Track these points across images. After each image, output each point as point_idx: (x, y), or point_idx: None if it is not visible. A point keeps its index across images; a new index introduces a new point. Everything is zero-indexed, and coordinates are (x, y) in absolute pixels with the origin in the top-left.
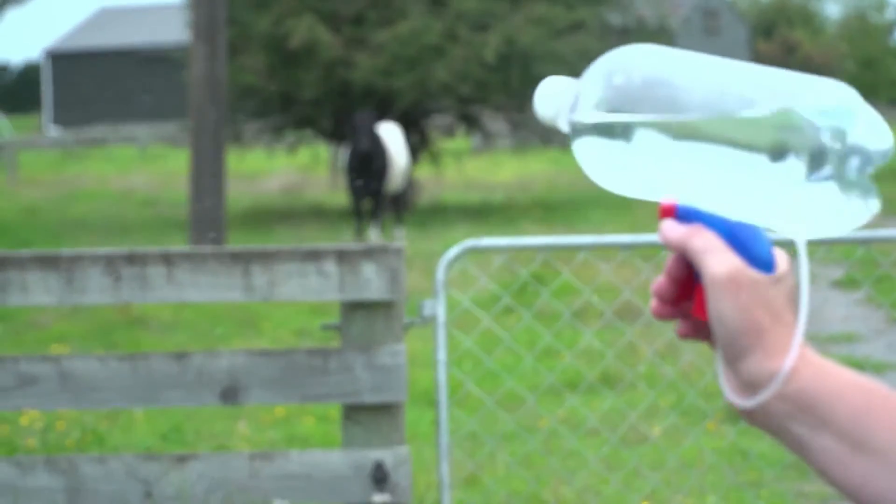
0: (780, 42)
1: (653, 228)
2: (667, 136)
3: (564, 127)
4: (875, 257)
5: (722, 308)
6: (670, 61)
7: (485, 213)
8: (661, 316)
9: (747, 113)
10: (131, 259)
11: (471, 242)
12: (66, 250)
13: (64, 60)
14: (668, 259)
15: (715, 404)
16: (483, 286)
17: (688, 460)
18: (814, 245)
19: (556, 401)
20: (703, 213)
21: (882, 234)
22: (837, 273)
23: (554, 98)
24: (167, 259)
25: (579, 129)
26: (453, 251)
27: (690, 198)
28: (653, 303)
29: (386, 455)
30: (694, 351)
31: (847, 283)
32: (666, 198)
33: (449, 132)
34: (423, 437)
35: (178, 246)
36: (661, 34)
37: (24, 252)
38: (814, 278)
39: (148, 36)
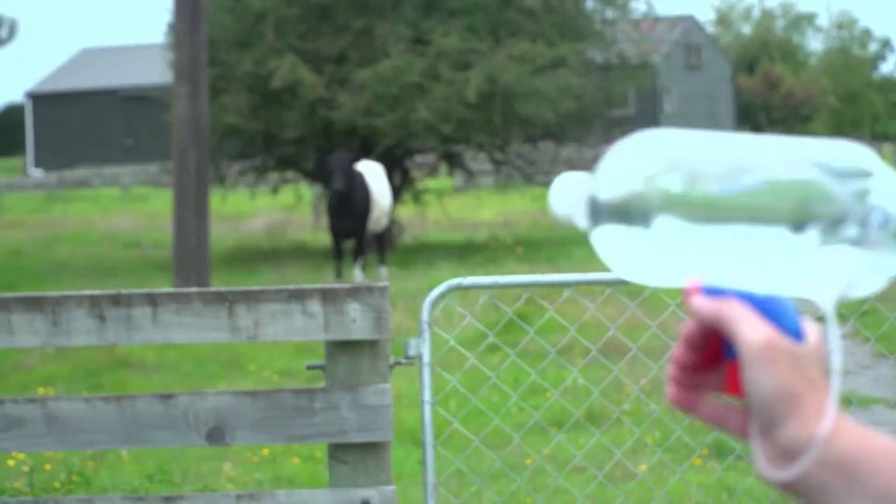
0: (762, 77)
1: None
2: (685, 218)
3: (581, 223)
4: None
5: (759, 376)
6: (682, 142)
7: (468, 252)
8: (678, 381)
9: (766, 187)
10: (116, 300)
11: (455, 281)
12: (52, 292)
13: (46, 102)
14: (686, 327)
15: (701, 440)
16: (468, 325)
17: (674, 497)
18: None
19: (542, 438)
20: (728, 290)
21: None
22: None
23: (568, 194)
24: (152, 300)
25: (598, 219)
26: (438, 290)
27: (713, 277)
28: (671, 370)
29: (372, 494)
30: None
31: None
32: (689, 280)
33: (431, 171)
34: (410, 476)
35: (163, 287)
36: (642, 70)
37: (10, 294)
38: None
39: (130, 77)
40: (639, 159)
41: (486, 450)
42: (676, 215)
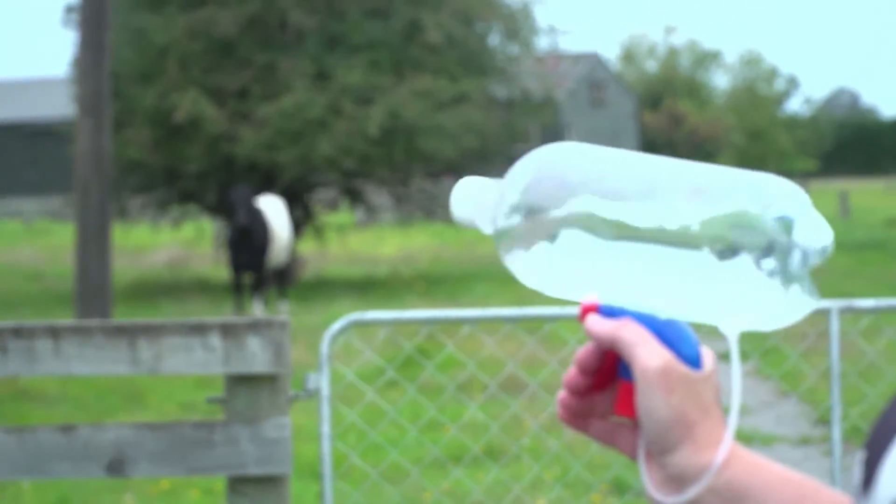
0: (666, 114)
1: (537, 301)
2: (592, 234)
3: (485, 228)
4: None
5: (653, 403)
6: (600, 159)
7: (369, 287)
8: (567, 406)
9: (694, 212)
10: (18, 332)
11: (355, 316)
12: None
13: None
14: (580, 351)
15: (600, 477)
16: (367, 359)
17: None
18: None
19: (441, 474)
20: (627, 311)
21: None
22: (725, 346)
23: (471, 200)
24: (54, 332)
25: (504, 232)
26: (338, 324)
27: (616, 296)
28: (562, 394)
29: None
30: None
31: None
32: (587, 297)
33: (332, 206)
34: None
35: (65, 319)
36: (546, 106)
37: None
38: None
39: (34, 109)
40: (549, 171)
41: (384, 484)
42: (584, 230)
